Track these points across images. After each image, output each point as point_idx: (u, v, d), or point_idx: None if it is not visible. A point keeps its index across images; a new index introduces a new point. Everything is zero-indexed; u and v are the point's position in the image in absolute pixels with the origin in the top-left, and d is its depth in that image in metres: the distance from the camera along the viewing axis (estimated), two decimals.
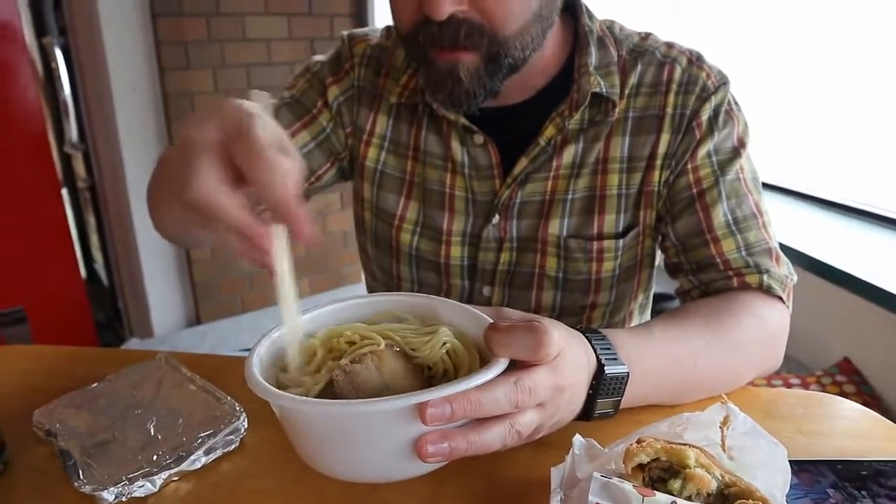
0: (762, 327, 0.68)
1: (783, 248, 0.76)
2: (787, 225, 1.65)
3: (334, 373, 0.47)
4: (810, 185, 1.97)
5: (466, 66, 0.66)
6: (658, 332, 0.62)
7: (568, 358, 0.49)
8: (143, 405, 0.64)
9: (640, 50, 0.77)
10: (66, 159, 2.77)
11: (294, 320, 0.49)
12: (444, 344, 0.49)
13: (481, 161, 0.78)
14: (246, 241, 0.42)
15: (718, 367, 0.64)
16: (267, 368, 0.50)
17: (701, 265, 0.75)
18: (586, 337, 0.55)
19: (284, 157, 0.41)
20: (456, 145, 0.78)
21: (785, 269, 0.73)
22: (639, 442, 0.49)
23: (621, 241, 0.77)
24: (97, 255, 3.11)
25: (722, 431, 0.50)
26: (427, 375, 0.50)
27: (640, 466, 0.48)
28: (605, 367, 0.54)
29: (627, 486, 0.43)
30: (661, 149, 0.75)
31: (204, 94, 2.34)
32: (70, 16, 2.38)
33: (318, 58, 0.88)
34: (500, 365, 0.45)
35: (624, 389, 0.56)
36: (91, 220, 3.00)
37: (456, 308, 0.53)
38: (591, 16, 0.78)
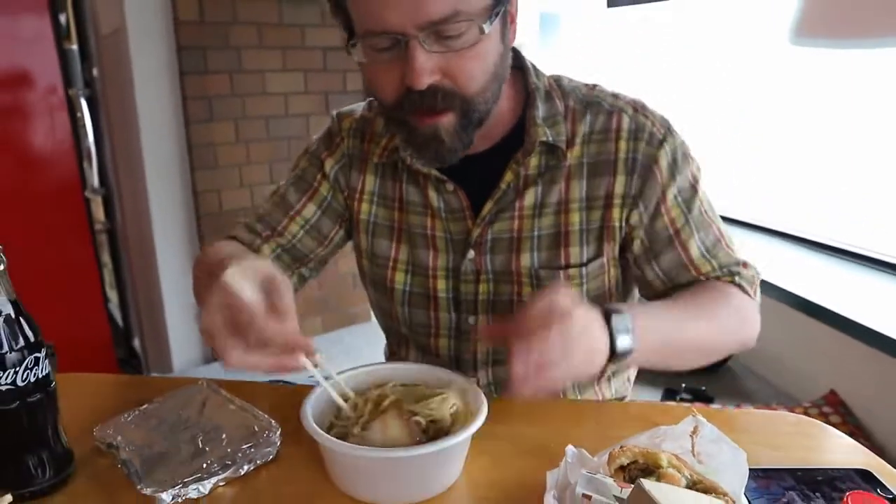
0: (731, 305, 0.83)
1: (776, 288, 0.87)
2: (775, 265, 1.73)
3: (351, 435, 0.64)
4: (796, 226, 2.06)
5: (445, 126, 0.76)
6: (647, 304, 0.77)
7: (575, 321, 0.64)
8: (191, 423, 0.73)
9: (588, 100, 0.87)
10: (85, 203, 2.90)
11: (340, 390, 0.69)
12: (453, 406, 0.68)
13: (454, 205, 0.88)
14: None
15: (702, 329, 0.79)
16: (316, 416, 0.66)
17: (686, 284, 0.87)
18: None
19: (277, 297, 0.61)
20: (432, 194, 0.89)
21: (752, 271, 0.87)
22: (620, 448, 0.58)
23: (585, 269, 0.87)
24: (111, 295, 3.22)
25: (692, 439, 0.59)
26: (436, 428, 0.67)
27: (622, 468, 0.57)
28: (607, 306, 0.70)
29: (609, 480, 0.52)
30: (618, 189, 0.85)
31: (226, 144, 2.48)
32: (102, 73, 2.55)
33: (314, 138, 1.00)
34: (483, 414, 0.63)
35: (631, 325, 0.69)
36: (108, 262, 3.12)
37: (465, 382, 0.71)
38: (538, 74, 0.88)
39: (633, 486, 0.51)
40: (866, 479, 0.64)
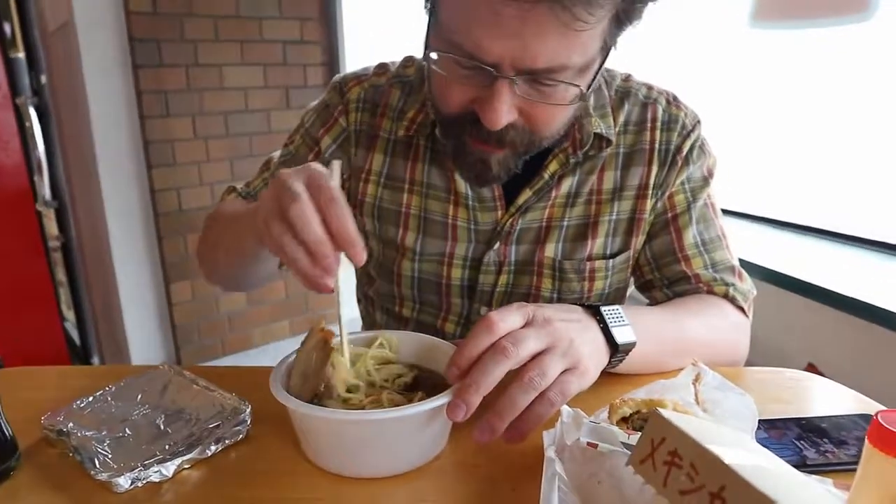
0: (727, 317, 0.79)
1: (749, 264, 0.85)
2: (751, 245, 1.74)
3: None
4: (769, 209, 2.09)
5: (499, 157, 0.70)
6: (647, 307, 0.71)
7: (545, 308, 0.58)
8: (151, 406, 0.66)
9: (625, 91, 0.84)
10: (38, 217, 2.76)
11: (345, 330, 0.61)
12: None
13: (485, 194, 0.82)
14: (315, 262, 0.52)
15: (701, 335, 0.73)
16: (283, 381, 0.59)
17: (673, 280, 0.83)
18: (572, 302, 0.65)
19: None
20: (460, 179, 0.82)
21: (747, 285, 0.82)
22: (621, 399, 0.54)
23: (611, 262, 0.83)
24: (68, 315, 3.06)
25: (695, 388, 0.56)
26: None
27: (624, 419, 0.53)
28: (599, 305, 0.64)
29: (614, 427, 0.48)
30: (651, 180, 0.82)
31: (184, 140, 2.39)
32: (50, 75, 2.44)
33: (311, 107, 0.92)
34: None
35: (626, 318, 0.63)
36: (63, 280, 2.97)
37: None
38: None
39: (640, 432, 0.48)
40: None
